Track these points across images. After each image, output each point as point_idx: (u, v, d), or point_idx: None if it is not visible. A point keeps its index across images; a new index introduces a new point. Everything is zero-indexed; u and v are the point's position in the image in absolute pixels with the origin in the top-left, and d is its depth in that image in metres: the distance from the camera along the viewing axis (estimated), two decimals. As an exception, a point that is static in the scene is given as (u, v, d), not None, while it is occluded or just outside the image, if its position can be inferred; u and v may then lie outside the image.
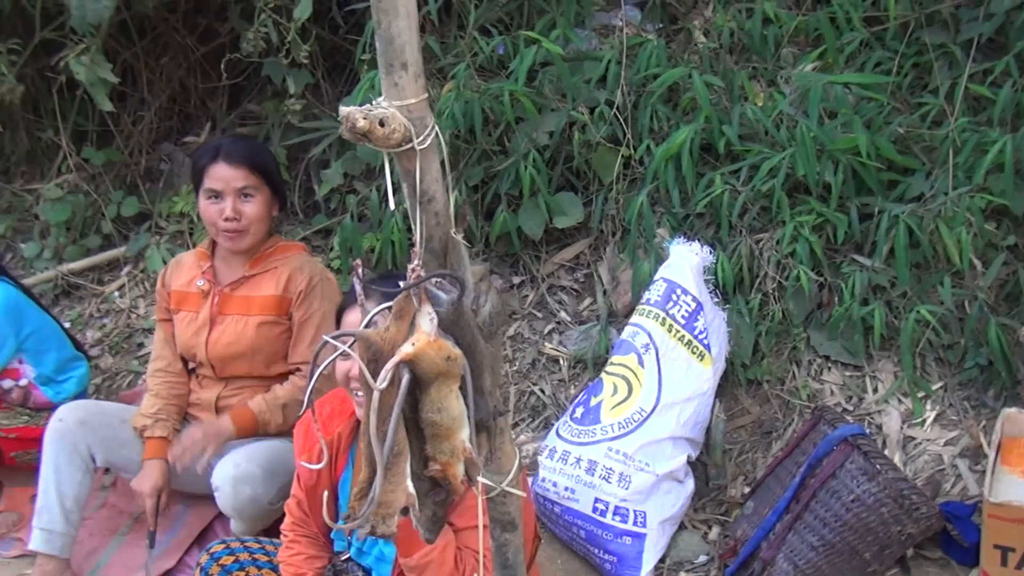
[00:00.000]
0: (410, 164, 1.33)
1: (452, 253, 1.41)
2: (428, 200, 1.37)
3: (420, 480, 1.40)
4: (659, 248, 3.29)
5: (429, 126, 1.32)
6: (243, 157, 2.97)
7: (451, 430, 1.37)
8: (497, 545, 1.66)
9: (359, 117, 1.27)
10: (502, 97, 3.44)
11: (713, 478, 3.13)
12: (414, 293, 1.38)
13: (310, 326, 3.00)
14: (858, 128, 3.10)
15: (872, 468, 2.60)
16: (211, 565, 2.44)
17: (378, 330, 1.39)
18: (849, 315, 3.09)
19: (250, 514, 2.81)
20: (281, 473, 2.85)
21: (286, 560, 2.41)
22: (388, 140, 1.29)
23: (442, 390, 1.36)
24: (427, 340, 1.35)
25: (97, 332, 4.11)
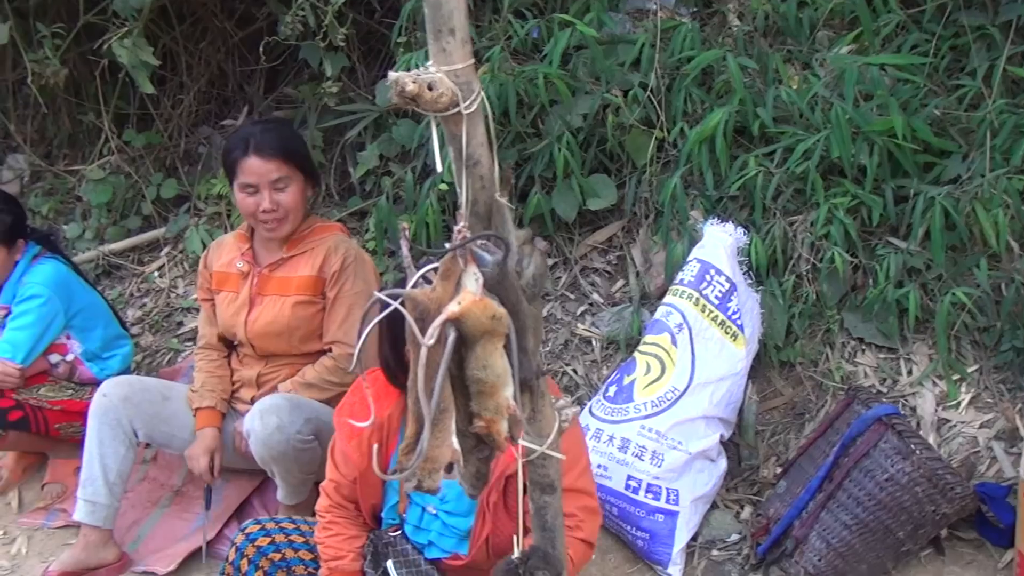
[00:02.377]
0: (456, 128, 1.35)
1: (496, 216, 1.43)
2: (474, 164, 1.39)
3: (465, 437, 1.44)
4: (692, 230, 3.29)
5: (476, 91, 1.34)
6: (275, 149, 2.98)
7: (495, 387, 1.40)
8: (536, 507, 1.68)
9: (408, 81, 1.29)
10: (536, 80, 3.45)
11: (745, 458, 3.14)
12: (460, 254, 1.40)
13: (343, 305, 3.03)
14: (894, 110, 3.08)
15: (906, 447, 2.60)
16: (246, 545, 2.45)
17: (425, 290, 1.42)
18: (884, 297, 3.07)
19: (280, 449, 2.82)
20: (306, 408, 2.89)
21: (324, 540, 2.41)
22: (436, 104, 1.31)
23: (487, 348, 1.39)
24: (473, 299, 1.38)
25: (137, 311, 4.17)
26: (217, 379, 3.15)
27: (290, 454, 2.84)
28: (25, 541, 3.31)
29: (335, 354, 3.02)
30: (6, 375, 3.22)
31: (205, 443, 3.03)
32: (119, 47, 3.43)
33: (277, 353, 3.10)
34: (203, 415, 3.07)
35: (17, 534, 3.34)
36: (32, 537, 3.33)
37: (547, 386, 1.58)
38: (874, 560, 2.66)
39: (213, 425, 3.06)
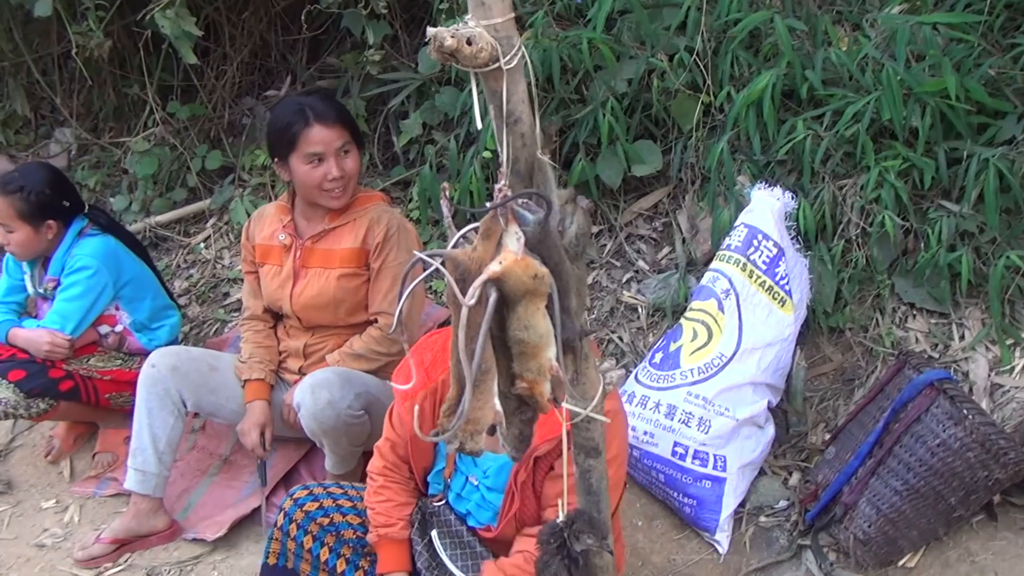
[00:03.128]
0: (496, 84, 1.35)
1: (538, 174, 1.42)
2: (514, 121, 1.38)
3: (507, 399, 1.43)
4: (739, 195, 3.26)
5: (516, 46, 1.33)
6: (336, 115, 2.99)
7: (538, 348, 1.39)
8: (581, 471, 1.68)
9: (447, 36, 1.28)
10: (580, 45, 3.43)
11: (794, 425, 3.12)
12: (501, 213, 1.39)
13: (387, 276, 3.04)
14: (947, 70, 3.02)
15: (958, 413, 2.57)
16: (295, 510, 2.48)
17: (466, 249, 1.41)
18: (935, 261, 3.03)
19: (330, 423, 2.85)
20: (356, 383, 2.92)
21: (375, 506, 2.43)
22: (475, 59, 1.30)
23: (529, 308, 1.37)
24: (514, 258, 1.37)
25: (184, 282, 4.24)
26: (264, 350, 3.18)
27: (340, 428, 2.88)
28: (77, 509, 3.40)
29: (381, 324, 3.04)
30: (56, 346, 3.29)
31: (255, 417, 3.07)
32: (162, 18, 3.46)
33: (323, 324, 3.13)
34: (252, 387, 3.11)
35: (69, 502, 3.43)
36: (84, 505, 3.41)
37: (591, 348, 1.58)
38: (925, 526, 2.64)
39: (262, 398, 3.10)
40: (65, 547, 3.23)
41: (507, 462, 2.29)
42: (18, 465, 3.64)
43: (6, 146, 4.96)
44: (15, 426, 3.76)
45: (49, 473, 3.59)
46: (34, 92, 4.91)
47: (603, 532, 1.71)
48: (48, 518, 3.38)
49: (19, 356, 3.32)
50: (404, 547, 2.43)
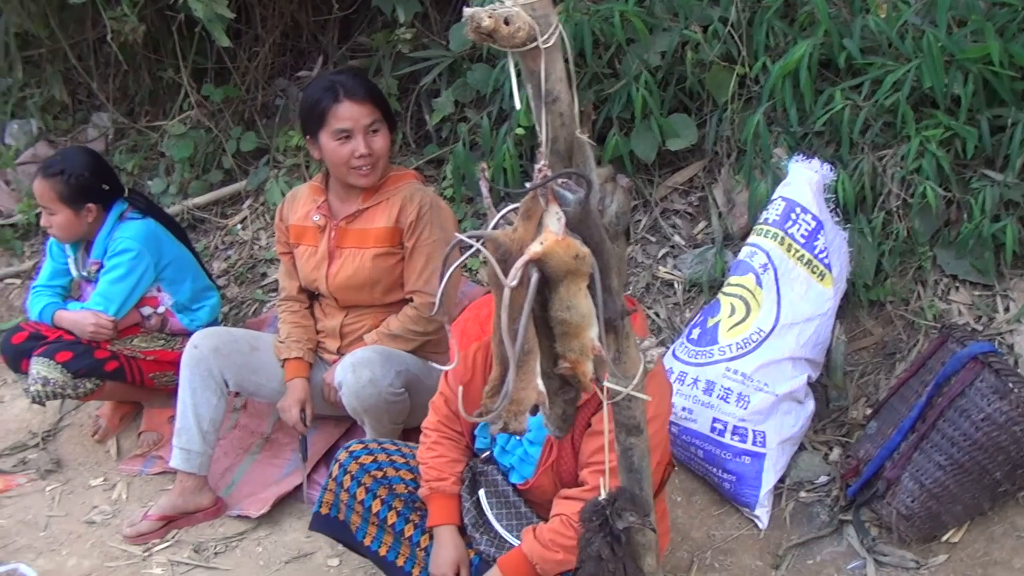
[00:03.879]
0: (534, 64, 1.33)
1: (577, 153, 1.42)
2: (553, 100, 1.37)
3: (550, 378, 1.43)
4: (776, 168, 3.22)
5: (553, 24, 1.31)
6: (366, 93, 2.98)
7: (580, 328, 1.39)
8: (623, 449, 1.68)
9: (484, 16, 1.27)
10: (612, 18, 3.39)
11: (834, 400, 3.09)
12: (541, 193, 1.39)
13: (421, 254, 3.04)
14: (990, 36, 2.94)
15: (1004, 386, 2.53)
16: (350, 462, 2.51)
17: (506, 230, 1.41)
18: (979, 232, 2.98)
19: (372, 401, 2.87)
20: (396, 361, 2.94)
21: (428, 461, 2.46)
22: (513, 39, 1.29)
23: (571, 288, 1.37)
24: (555, 239, 1.36)
25: (223, 263, 4.27)
26: (302, 329, 3.19)
27: (381, 406, 2.89)
28: (125, 487, 3.45)
29: (417, 303, 3.04)
30: (100, 327, 3.33)
31: (296, 394, 3.09)
32: (195, 1, 3.46)
33: (359, 304, 3.13)
34: (291, 366, 3.13)
35: (117, 480, 3.49)
36: (131, 483, 3.47)
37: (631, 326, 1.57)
38: (970, 501, 2.61)
39: (302, 376, 3.12)
40: (114, 524, 3.28)
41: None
42: (66, 444, 3.70)
43: (45, 131, 5.01)
44: (62, 406, 3.82)
45: (96, 452, 3.64)
46: (71, 78, 4.95)
47: (645, 510, 1.71)
48: (97, 495, 3.43)
49: (65, 338, 3.37)
50: (454, 502, 2.46)
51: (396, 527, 2.50)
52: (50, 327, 3.41)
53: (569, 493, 2.29)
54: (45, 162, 3.45)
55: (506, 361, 1.37)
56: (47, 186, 3.37)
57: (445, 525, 2.45)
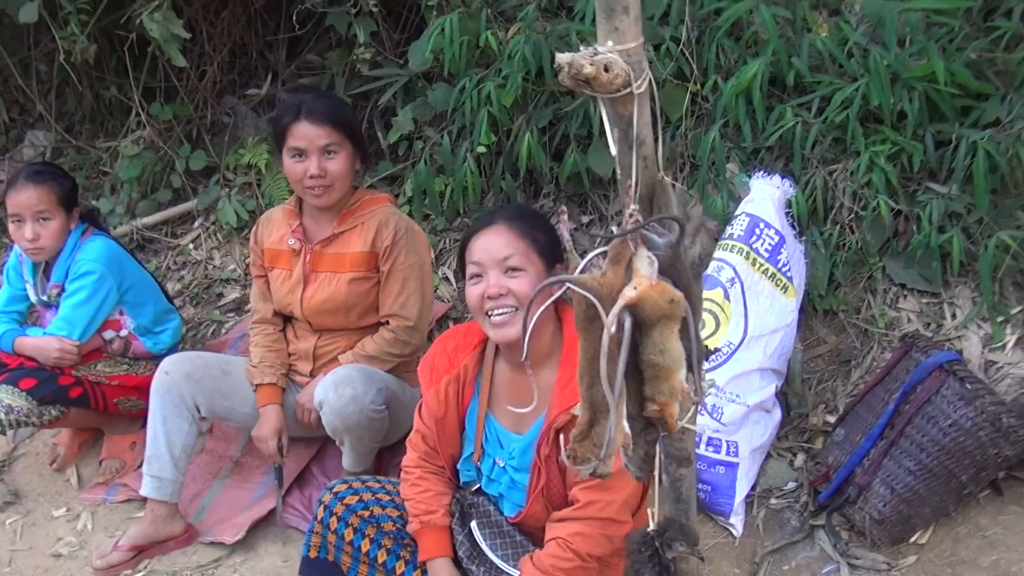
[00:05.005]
0: (625, 109, 1.22)
1: (660, 195, 1.30)
2: (639, 144, 1.25)
3: (635, 420, 1.35)
4: (729, 183, 3.14)
5: (645, 70, 1.19)
6: (325, 115, 2.82)
7: (671, 371, 1.30)
8: (671, 480, 1.58)
9: (585, 63, 1.15)
10: (568, 38, 3.26)
11: (794, 407, 3.03)
12: (631, 238, 1.27)
13: (397, 278, 2.88)
14: (933, 54, 2.91)
15: (969, 393, 2.49)
16: (336, 504, 2.34)
17: (595, 275, 1.30)
18: (926, 243, 2.94)
19: (354, 419, 2.71)
20: (377, 379, 2.80)
21: (414, 497, 2.32)
22: (611, 85, 1.17)
23: (664, 332, 1.29)
24: (649, 284, 1.26)
25: (177, 284, 4.00)
26: (275, 353, 3.00)
27: (363, 423, 2.73)
28: (89, 516, 3.18)
29: (393, 326, 2.88)
30: (65, 352, 3.08)
31: (271, 424, 2.90)
32: (150, 21, 3.22)
33: (333, 327, 2.96)
34: (264, 392, 2.93)
35: (80, 510, 3.22)
36: (96, 512, 3.20)
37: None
38: (937, 503, 2.57)
39: (275, 402, 2.93)
40: (82, 556, 3.02)
41: (532, 441, 2.20)
42: (23, 474, 3.41)
43: (-25, 150, 4.66)
44: (15, 435, 3.51)
45: (56, 481, 3.36)
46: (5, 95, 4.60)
47: (695, 539, 1.60)
48: (61, 527, 3.16)
49: (27, 364, 3.10)
50: (446, 534, 2.32)
51: (387, 565, 2.35)
52: (10, 354, 3.12)
53: (561, 515, 2.17)
54: (30, 170, 3.17)
55: (596, 405, 1.27)
56: (45, 190, 3.10)
57: (439, 558, 2.29)
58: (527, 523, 2.27)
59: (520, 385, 2.24)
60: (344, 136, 2.85)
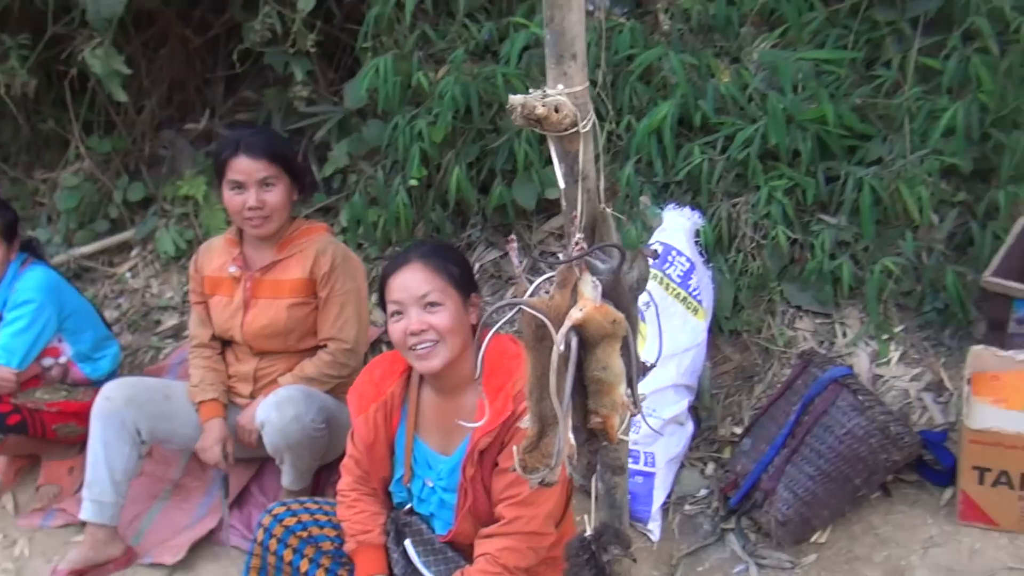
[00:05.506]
0: (572, 146, 1.31)
1: (602, 225, 1.40)
2: (584, 178, 1.34)
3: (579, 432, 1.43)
4: (643, 214, 3.27)
5: (590, 111, 1.29)
6: (262, 149, 2.87)
7: (612, 386, 1.39)
8: (607, 487, 1.66)
9: (538, 105, 1.24)
10: (495, 79, 3.37)
11: (704, 420, 3.15)
12: (576, 264, 1.36)
13: (335, 303, 2.93)
14: (824, 100, 3.10)
15: (861, 404, 2.64)
16: (275, 526, 2.35)
17: (543, 298, 1.38)
18: (820, 268, 3.10)
19: (296, 437, 2.73)
20: (317, 398, 2.82)
21: (350, 518, 2.35)
22: (559, 125, 1.26)
23: (607, 350, 1.38)
24: (593, 306, 1.34)
25: (114, 312, 3.95)
26: (215, 373, 3.01)
27: (304, 442, 2.75)
28: (26, 542, 3.11)
29: (331, 349, 2.92)
30: (4, 380, 3.03)
31: (215, 433, 2.90)
32: (92, 57, 3.21)
33: (273, 351, 2.98)
34: (207, 407, 2.94)
35: (17, 536, 3.14)
36: (32, 538, 3.12)
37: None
38: (834, 505, 2.71)
39: (219, 416, 2.94)
40: (19, 582, 2.95)
41: (458, 463, 2.24)
42: (-44, 503, 3.31)
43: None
44: (-52, 463, 3.41)
45: (-10, 508, 3.28)
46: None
47: (628, 543, 1.68)
48: (-4, 553, 3.09)
49: (-36, 393, 3.03)
50: (381, 552, 2.34)
51: None
52: (-55, 384, 3.05)
53: (489, 531, 2.21)
54: None
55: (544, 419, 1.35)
56: None
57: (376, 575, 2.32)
58: (458, 540, 2.31)
59: (445, 409, 2.29)
60: (281, 169, 2.90)
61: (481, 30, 3.49)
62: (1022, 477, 2.53)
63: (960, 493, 2.61)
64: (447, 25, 3.57)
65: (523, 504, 2.15)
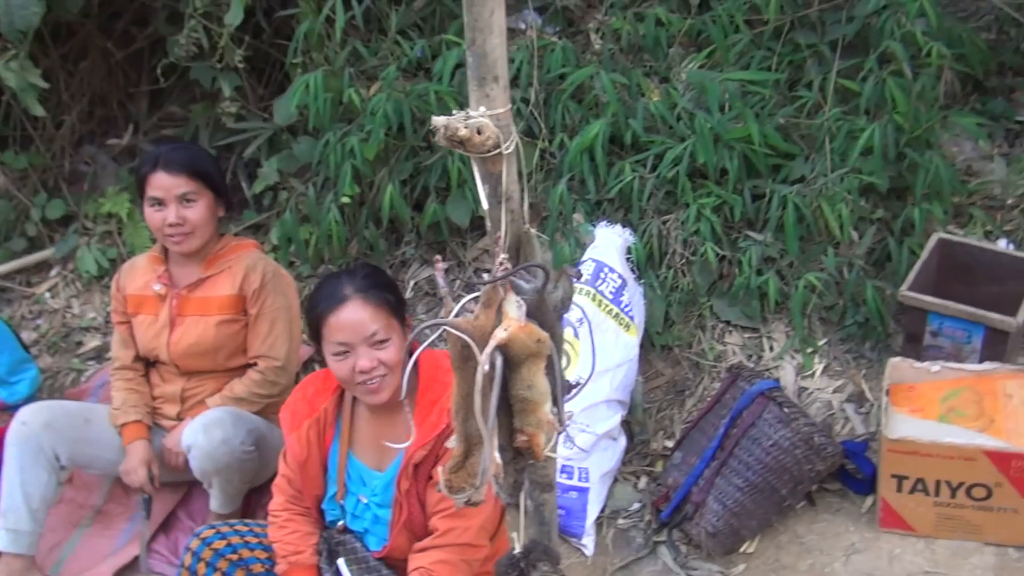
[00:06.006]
0: (495, 168, 1.33)
1: (526, 246, 1.41)
2: (507, 199, 1.36)
3: (505, 451, 1.43)
4: (576, 232, 3.32)
5: (513, 133, 1.31)
6: (182, 165, 2.84)
7: (538, 404, 1.40)
8: (536, 504, 1.68)
9: (460, 126, 1.25)
10: (427, 97, 3.39)
11: (637, 434, 3.20)
12: (501, 284, 1.38)
13: (265, 320, 2.90)
14: (749, 119, 3.20)
15: (786, 416, 2.72)
16: (203, 549, 2.32)
17: (467, 318, 1.39)
18: (747, 284, 3.19)
19: (225, 461, 2.70)
20: (247, 420, 2.79)
21: (282, 539, 2.33)
22: (482, 146, 1.28)
23: (531, 369, 1.39)
24: (518, 325, 1.36)
25: (33, 333, 3.83)
26: (138, 395, 2.94)
27: (234, 465, 2.71)
28: (-62, 573, 2.99)
29: (261, 367, 2.88)
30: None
31: (139, 455, 2.84)
32: (6, 71, 3.13)
33: (201, 370, 2.93)
34: (130, 429, 2.87)
35: (-71, 567, 3.02)
36: (-55, 569, 3.01)
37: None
38: (762, 516, 2.78)
39: (143, 437, 2.87)
40: (-71, 616, 2.83)
41: (392, 478, 2.25)
42: None
43: None
44: None
45: (-101, 539, 3.13)
46: None
47: (557, 559, 1.70)
48: (-96, 587, 2.95)
49: None
50: (313, 573, 2.33)
51: None
52: None
53: (423, 544, 2.23)
54: None
55: (470, 438, 1.35)
56: None
57: None
58: (393, 556, 2.31)
59: (379, 425, 2.30)
60: (203, 185, 2.87)
61: (413, 47, 3.51)
62: (937, 484, 2.64)
63: (880, 501, 2.71)
64: (379, 42, 3.58)
65: (456, 516, 2.17)
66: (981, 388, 2.78)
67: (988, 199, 3.45)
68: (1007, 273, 3.06)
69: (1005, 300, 2.93)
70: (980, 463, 2.60)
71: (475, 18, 1.25)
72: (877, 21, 3.30)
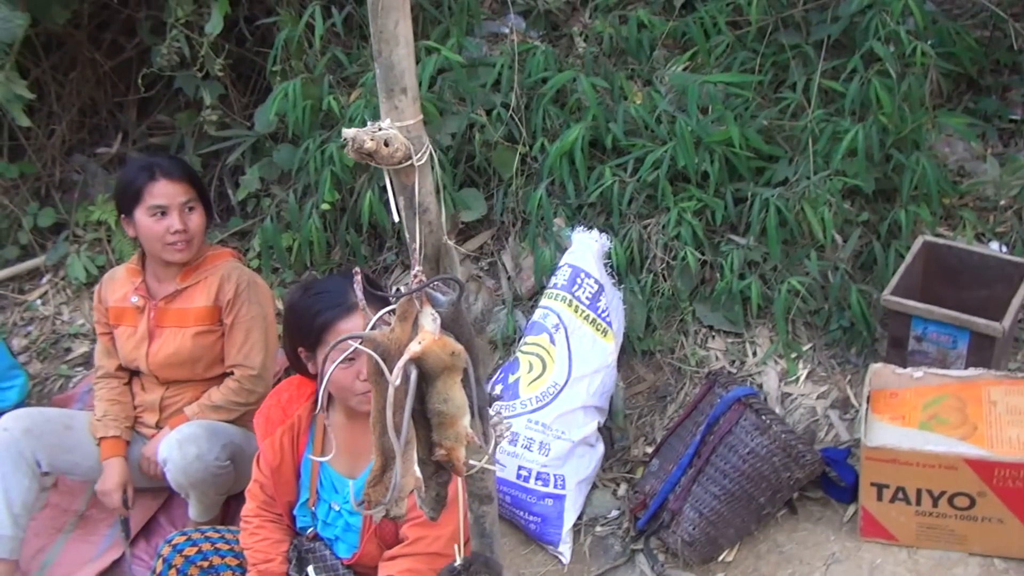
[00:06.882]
0: (408, 179, 1.32)
1: (445, 258, 1.41)
2: (424, 211, 1.35)
3: (425, 465, 1.43)
4: (557, 236, 3.30)
5: (425, 144, 1.30)
6: (182, 172, 2.89)
7: (455, 418, 1.39)
8: (475, 517, 1.67)
9: (367, 139, 1.24)
10: (407, 103, 3.37)
11: (617, 440, 3.18)
12: (416, 296, 1.37)
13: (241, 330, 2.91)
14: (730, 122, 3.16)
15: (763, 423, 2.68)
16: (174, 556, 2.34)
17: (383, 331, 1.39)
18: (729, 288, 3.16)
19: (199, 476, 2.71)
20: (222, 434, 2.80)
21: (252, 546, 2.34)
22: (391, 159, 1.27)
23: (447, 382, 1.38)
24: (433, 338, 1.35)
25: (23, 340, 3.87)
26: (120, 407, 2.97)
27: (208, 480, 2.73)
28: (-77, 581, 3.02)
29: (238, 376, 2.90)
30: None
31: (116, 477, 2.86)
32: (-8, 82, 3.16)
33: (180, 379, 2.95)
34: (108, 445, 2.89)
35: (-87, 574, 3.04)
36: (-71, 576, 3.04)
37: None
38: (740, 524, 2.74)
39: (119, 454, 2.89)
40: (-89, 624, 2.86)
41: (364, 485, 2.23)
42: None
43: None
44: None
45: None
46: None
47: (497, 571, 1.69)
48: None
49: None
50: None
51: None
52: None
53: (392, 552, 2.23)
54: None
55: (387, 452, 1.35)
56: None
57: None
58: (362, 563, 2.32)
59: (352, 431, 2.30)
60: (197, 193, 2.91)
61: (393, 54, 3.49)
62: (918, 493, 2.58)
63: (861, 509, 2.66)
64: (359, 49, 3.57)
65: (427, 525, 2.16)
66: (965, 395, 2.72)
67: (980, 200, 3.39)
68: (994, 276, 2.99)
69: (992, 304, 2.87)
70: (962, 472, 2.55)
71: (380, 29, 1.24)
72: (862, 20, 3.25)
